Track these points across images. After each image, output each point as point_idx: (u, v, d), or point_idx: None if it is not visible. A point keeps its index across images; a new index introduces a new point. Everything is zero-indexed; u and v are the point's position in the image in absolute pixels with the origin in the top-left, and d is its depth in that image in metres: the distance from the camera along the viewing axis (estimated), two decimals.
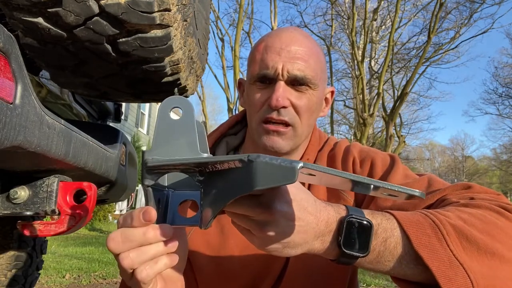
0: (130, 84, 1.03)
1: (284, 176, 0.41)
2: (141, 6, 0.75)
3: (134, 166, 1.71)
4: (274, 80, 0.78)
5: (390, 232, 0.55)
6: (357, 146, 0.89)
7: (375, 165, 0.82)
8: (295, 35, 0.80)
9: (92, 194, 0.96)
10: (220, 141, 0.93)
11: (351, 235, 0.53)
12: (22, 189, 0.92)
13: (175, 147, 0.49)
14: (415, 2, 14.08)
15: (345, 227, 0.53)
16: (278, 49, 0.77)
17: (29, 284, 1.96)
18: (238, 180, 0.44)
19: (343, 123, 19.75)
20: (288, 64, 0.76)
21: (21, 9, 0.74)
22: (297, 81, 0.78)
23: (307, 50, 0.79)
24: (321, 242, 0.53)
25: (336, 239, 0.54)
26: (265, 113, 0.79)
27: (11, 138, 0.68)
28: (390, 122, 10.34)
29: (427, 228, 0.55)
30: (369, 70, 15.08)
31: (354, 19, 10.78)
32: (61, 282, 4.05)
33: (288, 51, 0.77)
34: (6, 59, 0.69)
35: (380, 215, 0.57)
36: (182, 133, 0.50)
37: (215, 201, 0.47)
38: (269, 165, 0.42)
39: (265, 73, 0.78)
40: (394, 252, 0.55)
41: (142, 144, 14.92)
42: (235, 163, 0.45)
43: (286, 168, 0.41)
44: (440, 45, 13.36)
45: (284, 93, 0.77)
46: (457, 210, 0.60)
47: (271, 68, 0.77)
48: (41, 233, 0.94)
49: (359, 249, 0.53)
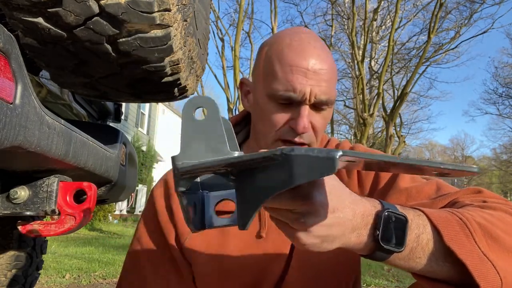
0: (130, 84, 1.03)
1: (324, 167, 0.40)
2: (141, 6, 0.75)
3: (134, 166, 1.71)
4: (299, 103, 0.76)
5: (422, 228, 0.54)
6: (361, 148, 0.89)
7: None
8: (318, 52, 0.76)
9: (92, 194, 0.96)
10: None
11: (389, 229, 0.52)
12: (22, 189, 0.92)
13: (204, 149, 0.48)
14: (415, 2, 14.10)
15: (383, 221, 0.52)
16: (305, 70, 0.74)
17: (29, 284, 1.96)
18: (275, 175, 0.43)
19: (343, 123, 19.77)
20: (315, 88, 0.74)
21: (21, 9, 0.74)
22: (320, 104, 0.77)
23: (330, 69, 0.77)
24: (357, 235, 0.52)
25: (372, 233, 0.52)
26: (286, 135, 0.77)
27: (11, 138, 0.68)
28: (390, 122, 10.34)
29: (455, 224, 0.55)
30: (369, 70, 15.08)
31: (354, 19, 10.78)
32: (61, 282, 4.05)
33: (314, 73, 0.74)
34: (6, 59, 0.69)
35: (411, 210, 0.56)
36: (210, 133, 0.48)
37: (252, 199, 0.46)
38: (306, 157, 0.41)
39: (292, 96, 0.74)
40: (426, 248, 0.54)
41: (142, 144, 14.91)
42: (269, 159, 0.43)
43: (325, 158, 0.40)
44: (440, 45, 13.38)
45: (308, 118, 0.76)
46: (479, 210, 0.60)
47: (299, 93, 0.74)
48: (41, 233, 0.94)
49: (395, 244, 0.52)
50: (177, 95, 1.14)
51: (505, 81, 21.90)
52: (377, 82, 11.98)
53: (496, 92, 22.66)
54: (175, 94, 1.13)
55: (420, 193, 0.74)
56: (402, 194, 0.75)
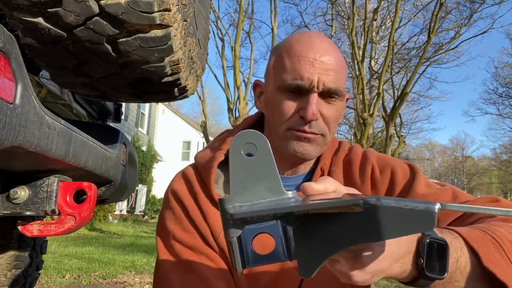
0: (130, 84, 1.03)
1: (420, 223, 0.36)
2: (141, 6, 0.75)
3: (134, 166, 1.71)
4: (307, 91, 0.77)
5: (460, 251, 0.54)
6: (374, 153, 0.89)
7: (396, 174, 0.82)
8: (326, 45, 0.78)
9: (92, 194, 0.96)
10: None
11: (432, 257, 0.50)
12: (22, 189, 0.92)
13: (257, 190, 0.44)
14: (415, 2, 14.09)
15: (426, 249, 0.50)
16: (312, 59, 0.76)
17: (29, 284, 1.96)
18: (352, 227, 0.38)
19: (343, 123, 19.74)
20: (323, 76, 0.75)
21: (21, 9, 0.74)
22: (329, 93, 0.77)
23: (338, 61, 0.78)
24: (401, 265, 0.50)
25: (415, 261, 0.50)
26: (296, 124, 0.78)
27: (11, 138, 0.68)
28: (390, 122, 10.34)
29: (490, 244, 0.55)
30: (369, 70, 15.08)
31: (354, 19, 10.78)
32: (61, 282, 4.05)
33: (322, 62, 0.76)
34: (6, 59, 0.69)
35: (448, 233, 0.55)
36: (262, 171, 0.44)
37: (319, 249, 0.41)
38: (397, 210, 0.36)
39: (300, 84, 0.76)
40: (464, 272, 0.53)
41: (142, 144, 14.91)
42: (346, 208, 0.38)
43: (423, 212, 0.35)
44: (440, 45, 13.36)
45: (317, 106, 0.77)
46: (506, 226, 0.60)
47: (307, 80, 0.75)
48: (41, 233, 0.94)
49: (439, 271, 0.51)
50: (177, 95, 1.14)
51: (505, 81, 21.90)
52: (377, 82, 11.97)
53: (496, 92, 22.67)
54: (175, 94, 1.13)
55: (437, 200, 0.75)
56: None
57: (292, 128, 0.78)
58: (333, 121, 0.80)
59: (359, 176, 0.84)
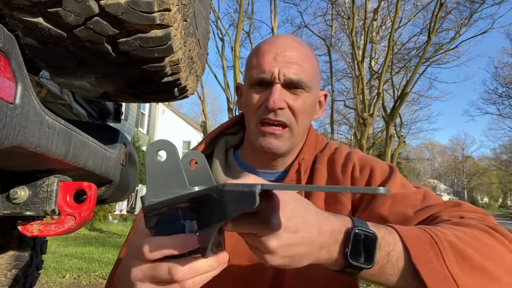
0: (130, 84, 1.03)
1: (247, 201, 0.42)
2: (141, 6, 0.75)
3: (134, 166, 1.71)
4: (270, 83, 0.82)
5: (393, 246, 0.56)
6: (358, 153, 0.92)
7: (374, 173, 0.84)
8: (289, 42, 0.84)
9: (92, 194, 0.96)
10: (219, 139, 0.96)
11: (358, 246, 0.54)
12: (22, 189, 0.92)
13: (167, 187, 0.52)
14: (415, 2, 14.08)
15: (352, 238, 0.54)
16: (274, 54, 0.81)
17: (29, 284, 1.96)
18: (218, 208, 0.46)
19: (343, 123, 19.77)
20: (284, 68, 0.81)
21: (21, 9, 0.74)
22: (292, 84, 0.82)
23: (301, 55, 0.83)
24: (327, 252, 0.54)
25: (342, 250, 0.54)
26: (262, 115, 0.82)
27: (11, 138, 0.68)
28: (390, 122, 10.33)
29: (426, 243, 0.57)
30: (369, 70, 15.07)
31: (354, 19, 10.78)
32: (61, 282, 4.05)
33: (283, 56, 0.81)
34: (6, 59, 0.69)
35: (383, 228, 0.58)
36: (170, 173, 0.52)
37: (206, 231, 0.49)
38: (232, 192, 0.44)
39: (262, 77, 0.82)
40: (396, 266, 0.56)
41: (142, 144, 14.92)
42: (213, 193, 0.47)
43: (248, 193, 0.43)
44: (440, 45, 13.34)
45: (280, 95, 0.81)
46: (452, 228, 0.62)
47: (268, 72, 0.81)
48: (41, 233, 0.94)
49: (364, 260, 0.54)
50: (177, 95, 1.15)
51: (505, 81, 21.92)
52: (377, 82, 11.97)
53: (496, 92, 22.70)
54: (175, 94, 1.13)
55: (406, 199, 0.77)
56: (389, 199, 0.77)
57: (260, 121, 0.83)
58: (300, 113, 0.84)
59: (340, 174, 0.87)
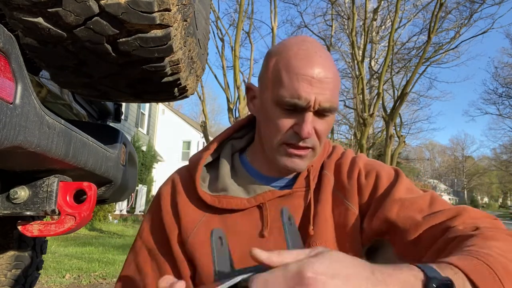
0: (130, 84, 1.03)
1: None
2: (141, 6, 0.75)
3: (134, 166, 1.72)
4: (304, 109, 0.79)
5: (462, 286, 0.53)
6: (363, 158, 0.91)
7: (380, 178, 0.84)
8: (323, 61, 0.80)
9: (92, 194, 0.96)
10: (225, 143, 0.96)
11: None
12: (22, 189, 0.92)
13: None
14: (415, 2, 14.08)
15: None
16: (310, 78, 0.78)
17: (29, 284, 1.96)
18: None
19: (343, 123, 19.74)
20: (320, 96, 0.78)
21: (21, 9, 0.74)
22: (323, 111, 0.80)
23: (334, 77, 0.81)
24: None
25: None
26: (290, 139, 0.81)
27: (11, 138, 0.68)
28: (390, 122, 10.33)
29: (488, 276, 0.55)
30: (369, 70, 15.06)
31: (354, 19, 10.77)
32: (61, 282, 4.05)
33: (319, 81, 0.78)
34: (6, 59, 0.69)
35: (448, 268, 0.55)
36: None
37: None
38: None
39: (297, 103, 0.78)
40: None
41: (142, 144, 14.91)
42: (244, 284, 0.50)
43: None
44: (440, 45, 13.33)
45: (312, 123, 0.80)
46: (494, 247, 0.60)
47: (304, 100, 0.77)
48: (41, 233, 0.94)
49: None
50: (177, 95, 1.15)
51: (505, 81, 21.92)
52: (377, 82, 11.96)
53: (496, 92, 22.70)
54: (175, 94, 1.13)
55: (413, 204, 0.76)
56: (396, 204, 0.77)
57: (286, 143, 0.81)
58: (324, 135, 0.83)
59: (346, 180, 0.87)
